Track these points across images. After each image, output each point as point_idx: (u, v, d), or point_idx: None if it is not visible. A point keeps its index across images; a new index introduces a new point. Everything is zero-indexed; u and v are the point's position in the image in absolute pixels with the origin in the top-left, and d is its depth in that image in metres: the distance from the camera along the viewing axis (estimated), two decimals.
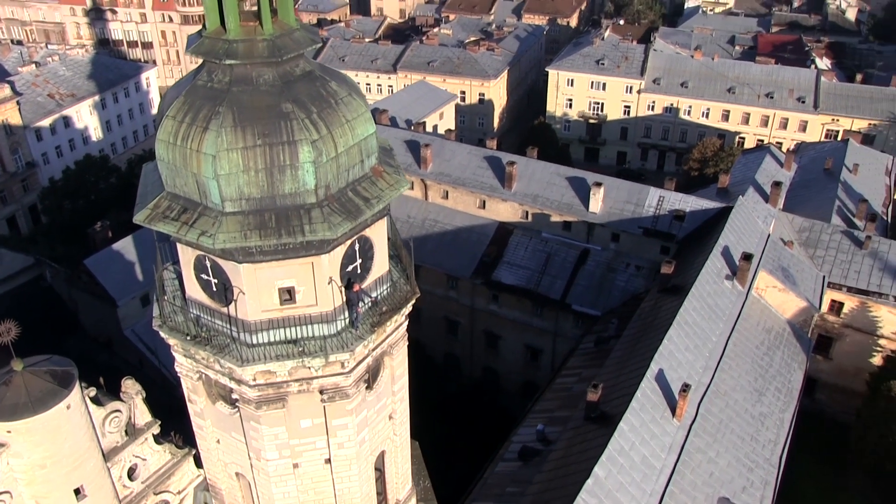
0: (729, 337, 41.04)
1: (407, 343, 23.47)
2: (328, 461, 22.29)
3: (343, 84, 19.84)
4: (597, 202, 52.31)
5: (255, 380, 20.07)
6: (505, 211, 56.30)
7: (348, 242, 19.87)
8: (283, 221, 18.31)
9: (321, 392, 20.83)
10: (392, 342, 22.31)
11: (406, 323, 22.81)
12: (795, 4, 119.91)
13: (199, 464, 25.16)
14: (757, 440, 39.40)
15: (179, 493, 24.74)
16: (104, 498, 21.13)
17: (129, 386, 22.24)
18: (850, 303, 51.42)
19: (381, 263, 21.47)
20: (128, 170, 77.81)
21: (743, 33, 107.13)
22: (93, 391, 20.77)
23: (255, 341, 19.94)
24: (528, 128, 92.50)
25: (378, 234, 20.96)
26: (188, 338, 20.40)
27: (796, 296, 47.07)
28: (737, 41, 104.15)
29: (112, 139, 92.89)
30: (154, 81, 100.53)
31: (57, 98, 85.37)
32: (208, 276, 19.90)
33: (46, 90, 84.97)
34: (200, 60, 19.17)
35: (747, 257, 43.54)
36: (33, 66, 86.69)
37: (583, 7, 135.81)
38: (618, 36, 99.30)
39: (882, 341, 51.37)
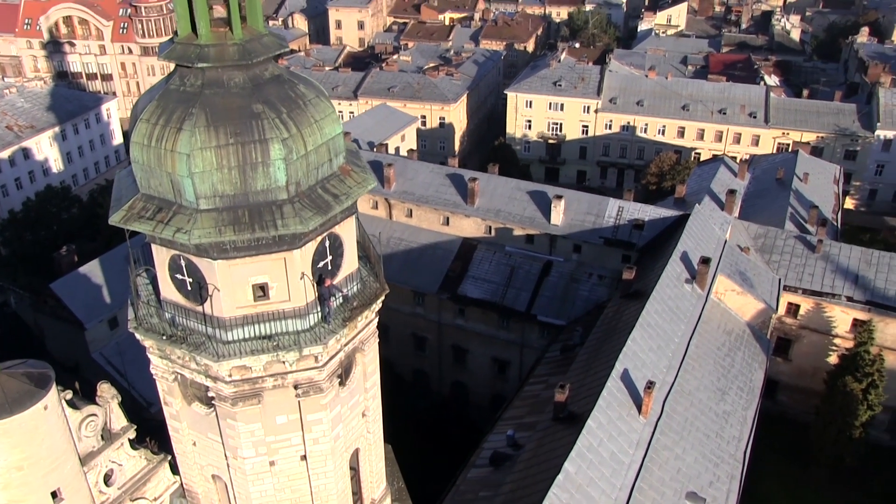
0: (691, 338, 42.23)
1: (377, 342, 24.08)
2: (304, 458, 22.70)
3: (310, 87, 20.67)
4: (558, 214, 53.56)
5: (230, 376, 20.52)
6: (468, 227, 57.27)
7: (319, 239, 20.55)
8: (257, 217, 18.96)
9: (296, 387, 21.33)
10: (363, 338, 22.93)
11: (376, 320, 23.46)
12: (744, 26, 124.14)
13: (174, 470, 25.34)
14: (722, 437, 40.47)
15: (156, 499, 24.89)
16: (81, 502, 21.26)
17: (105, 390, 22.49)
18: (805, 304, 53.13)
19: (350, 261, 22.16)
20: (90, 200, 77.34)
21: (695, 53, 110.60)
22: (69, 394, 21.02)
23: (230, 338, 20.43)
24: (489, 149, 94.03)
25: (347, 232, 21.67)
26: (164, 338, 20.81)
27: (754, 298, 48.57)
28: (689, 61, 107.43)
29: (73, 170, 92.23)
30: (115, 113, 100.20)
31: (16, 130, 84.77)
32: (183, 275, 20.39)
33: (4, 122, 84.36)
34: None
35: (705, 261, 44.95)
36: None
37: (539, 32, 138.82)
38: (573, 58, 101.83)
39: (837, 340, 53.10)
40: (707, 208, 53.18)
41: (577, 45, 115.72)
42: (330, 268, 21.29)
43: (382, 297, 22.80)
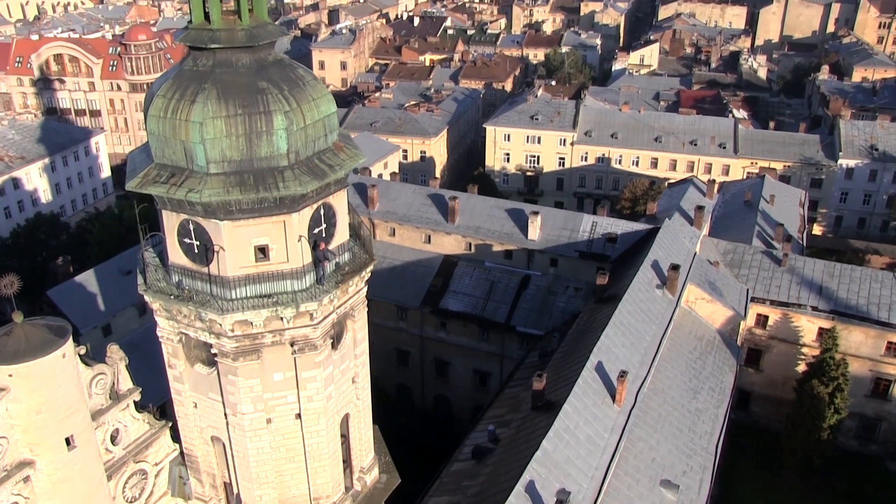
0: (662, 339, 44.31)
1: (366, 311, 26.05)
2: (298, 416, 24.43)
3: (308, 72, 23.08)
4: (535, 230, 55.95)
5: (232, 331, 22.38)
6: (449, 244, 59.46)
7: (315, 206, 22.70)
8: (261, 180, 21.12)
9: (292, 344, 23.21)
10: (353, 304, 24.91)
11: (365, 290, 25.47)
12: (713, 65, 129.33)
13: (175, 438, 26.86)
14: (694, 431, 42.33)
15: (157, 464, 26.34)
16: (91, 452, 22.78)
17: (114, 351, 24.20)
18: (773, 315, 55.50)
19: (342, 232, 24.28)
20: (78, 228, 78.85)
21: (666, 90, 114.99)
22: (82, 349, 22.72)
23: (233, 296, 22.37)
24: (469, 178, 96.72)
25: (340, 204, 23.83)
26: (172, 297, 22.68)
27: (723, 306, 50.88)
28: (661, 97, 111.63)
29: (62, 201, 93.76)
30: (104, 147, 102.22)
31: (6, 160, 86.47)
32: (191, 239, 22.39)
33: None
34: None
35: (675, 267, 47.32)
36: None
37: (516, 73, 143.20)
38: (550, 94, 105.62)
39: (804, 349, 55.37)
40: (677, 223, 55.79)
41: (554, 83, 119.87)
42: (324, 235, 23.37)
43: (371, 267, 24.87)
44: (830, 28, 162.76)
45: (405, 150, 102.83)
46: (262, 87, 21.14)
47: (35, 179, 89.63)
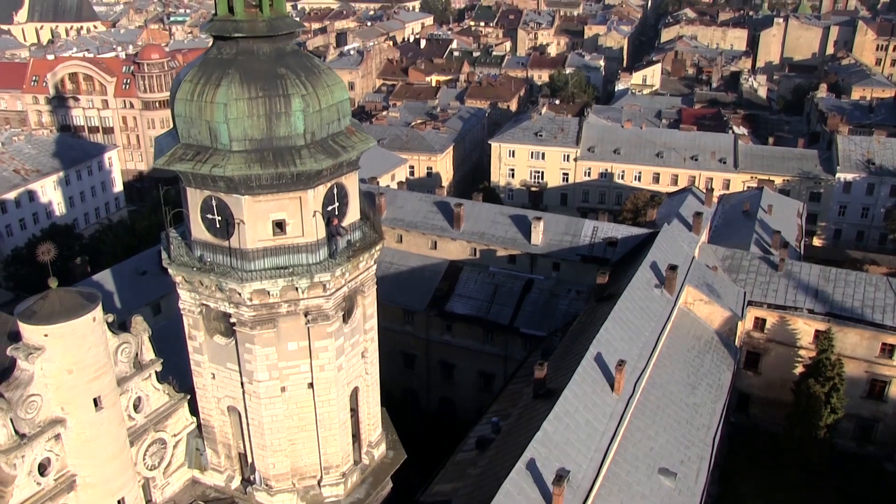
0: (660, 334, 45.66)
1: (375, 289, 27.62)
2: (311, 385, 25.93)
3: (322, 62, 24.86)
4: (538, 235, 57.58)
5: (251, 300, 23.99)
6: (455, 250, 61.10)
7: (328, 184, 24.40)
8: (279, 157, 22.87)
9: (306, 314, 24.77)
10: (363, 280, 26.54)
11: (374, 268, 27.08)
12: (714, 85, 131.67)
13: (193, 411, 28.34)
14: (692, 424, 43.57)
15: (175, 435, 27.81)
16: (117, 415, 24.30)
17: (139, 322, 25.80)
18: (771, 318, 56.76)
19: (353, 211, 25.98)
20: (92, 239, 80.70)
21: (668, 108, 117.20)
22: (111, 317, 24.33)
23: (252, 267, 24.00)
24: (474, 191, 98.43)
25: (351, 185, 25.54)
26: (194, 269, 24.33)
27: (721, 307, 52.24)
28: (663, 115, 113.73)
29: (75, 214, 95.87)
30: (116, 163, 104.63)
31: (22, 173, 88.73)
32: (213, 214, 24.10)
33: (12, 166, 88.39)
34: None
35: (673, 268, 48.78)
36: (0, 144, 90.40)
37: (521, 93, 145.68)
38: (553, 112, 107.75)
39: (802, 352, 56.54)
40: (675, 228, 57.32)
41: (558, 102, 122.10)
42: (337, 213, 25.04)
43: (380, 246, 26.51)
44: (830, 50, 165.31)
45: (412, 167, 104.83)
46: (282, 73, 22.96)
47: (50, 192, 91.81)
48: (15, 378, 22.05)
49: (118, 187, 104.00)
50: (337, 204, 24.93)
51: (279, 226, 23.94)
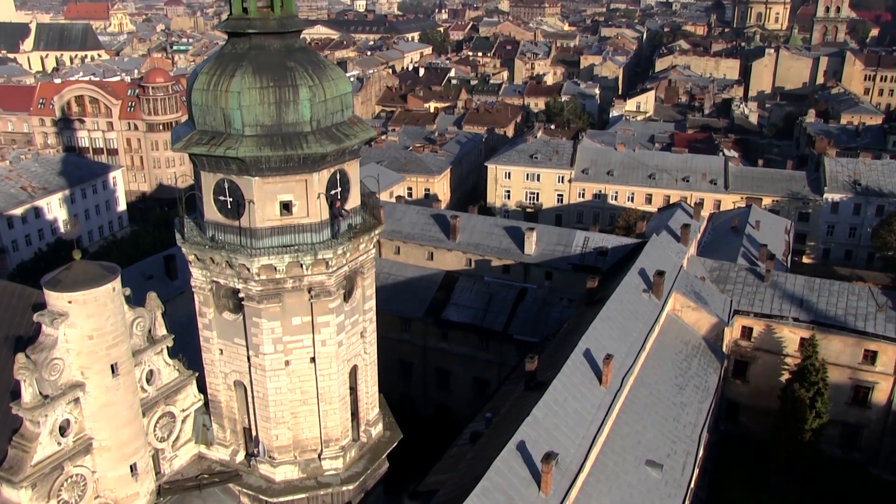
0: (648, 335, 47.37)
1: (374, 272, 29.47)
2: (313, 360, 27.65)
3: (327, 59, 27.03)
4: (531, 245, 59.56)
5: (259, 275, 25.85)
6: (451, 260, 63.01)
7: (332, 170, 26.40)
8: (288, 141, 24.92)
9: (310, 290, 26.61)
10: (363, 262, 28.43)
11: (373, 252, 28.98)
12: (707, 111, 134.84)
13: (200, 389, 29.99)
14: (679, 421, 45.12)
15: (184, 410, 29.43)
16: (131, 383, 25.99)
17: (153, 299, 27.60)
18: (757, 327, 58.45)
19: (355, 197, 27.96)
20: (95, 256, 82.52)
21: (661, 133, 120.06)
22: (127, 290, 26.13)
23: (260, 245, 25.89)
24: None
25: (353, 171, 27.56)
26: (206, 246, 26.23)
27: (708, 313, 54.04)
28: (656, 140, 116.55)
29: (80, 231, 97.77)
30: (121, 183, 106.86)
31: (29, 190, 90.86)
32: (225, 196, 26.07)
33: (20, 183, 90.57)
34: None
35: (660, 273, 50.66)
36: (7, 163, 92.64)
37: (518, 119, 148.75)
38: (548, 136, 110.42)
39: (788, 359, 58.16)
40: (664, 239, 59.30)
41: (553, 127, 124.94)
42: (339, 197, 27.01)
43: (379, 230, 28.44)
44: (820, 80, 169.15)
45: (410, 188, 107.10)
46: (291, 66, 25.12)
47: (55, 209, 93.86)
48: (40, 342, 23.82)
49: (122, 206, 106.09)
50: (339, 189, 26.92)
51: (286, 207, 25.89)
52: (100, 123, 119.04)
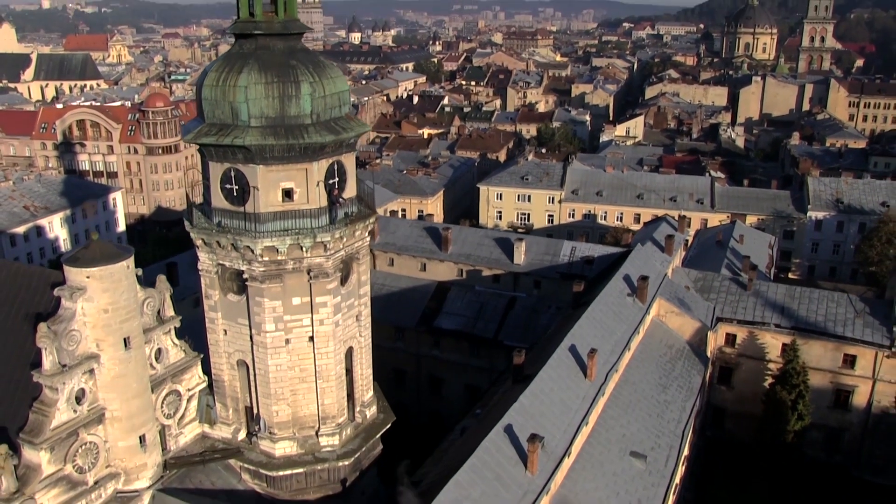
0: (632, 335, 49.25)
1: (368, 260, 31.49)
2: (311, 339, 29.55)
3: (327, 59, 29.37)
4: (520, 255, 61.69)
5: (262, 256, 27.87)
6: (443, 271, 65.03)
7: (330, 160, 28.58)
8: (290, 132, 27.15)
9: (309, 272, 28.61)
10: (358, 248, 30.52)
11: (368, 239, 31.04)
12: (694, 135, 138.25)
13: (205, 370, 31.79)
14: (663, 418, 46.82)
15: (189, 390, 31.21)
16: (142, 357, 27.83)
17: (162, 281, 29.55)
18: (741, 334, 60.33)
19: (351, 188, 30.12)
20: None
21: (650, 156, 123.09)
22: (139, 271, 28.09)
23: (263, 229, 27.95)
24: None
25: (350, 165, 29.76)
26: (213, 231, 28.28)
27: (691, 318, 55.99)
28: (644, 162, 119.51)
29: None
30: (120, 204, 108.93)
31: (31, 209, 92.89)
32: (231, 184, 28.20)
33: (22, 202, 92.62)
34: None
35: (644, 278, 52.70)
36: (10, 183, 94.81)
37: (510, 145, 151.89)
38: (539, 159, 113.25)
39: (770, 364, 59.97)
40: (649, 248, 61.48)
41: (544, 151, 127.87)
42: (337, 186, 29.15)
43: (373, 219, 30.56)
44: (806, 106, 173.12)
45: (404, 209, 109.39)
46: (293, 64, 27.45)
47: (56, 228, 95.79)
48: (59, 315, 25.70)
49: (121, 227, 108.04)
50: (337, 179, 29.08)
51: (287, 194, 28.01)
52: (100, 147, 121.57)
